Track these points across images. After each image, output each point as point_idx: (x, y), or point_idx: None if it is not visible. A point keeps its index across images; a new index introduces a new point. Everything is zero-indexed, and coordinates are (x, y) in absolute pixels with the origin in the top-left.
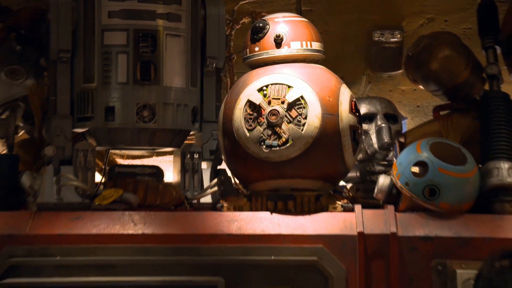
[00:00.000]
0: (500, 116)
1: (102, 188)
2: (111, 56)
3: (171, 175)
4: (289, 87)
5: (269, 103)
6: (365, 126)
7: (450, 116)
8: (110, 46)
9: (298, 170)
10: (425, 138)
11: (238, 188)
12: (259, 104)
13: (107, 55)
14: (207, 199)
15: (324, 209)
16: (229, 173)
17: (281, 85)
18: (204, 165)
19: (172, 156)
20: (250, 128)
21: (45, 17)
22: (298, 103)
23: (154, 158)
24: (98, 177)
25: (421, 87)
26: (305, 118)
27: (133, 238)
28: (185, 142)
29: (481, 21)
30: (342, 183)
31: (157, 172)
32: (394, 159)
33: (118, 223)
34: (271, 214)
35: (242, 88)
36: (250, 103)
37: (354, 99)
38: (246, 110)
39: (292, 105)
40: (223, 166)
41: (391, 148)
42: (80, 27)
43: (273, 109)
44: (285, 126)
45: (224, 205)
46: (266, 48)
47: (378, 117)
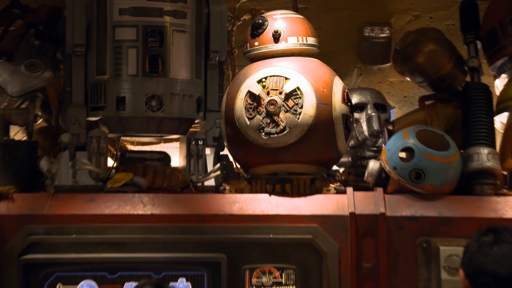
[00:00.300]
0: (481, 106)
1: (114, 172)
2: (122, 50)
3: (178, 160)
4: (286, 79)
5: (268, 94)
6: (357, 115)
7: (435, 106)
8: (121, 41)
9: (295, 156)
10: (412, 126)
11: (239, 172)
12: (259, 95)
13: (118, 50)
14: (211, 182)
15: (319, 192)
16: (231, 158)
17: (279, 77)
18: (208, 151)
19: (178, 143)
20: (250, 117)
21: (61, 15)
22: (295, 94)
23: (162, 145)
24: (110, 162)
25: (408, 79)
26: (301, 108)
27: (143, 218)
28: (190, 130)
29: (463, 18)
30: (335, 168)
31: (165, 157)
32: (383, 146)
33: (129, 204)
34: (270, 196)
35: (243, 80)
36: (250, 94)
37: (346, 90)
38: (247, 100)
39: (289, 96)
40: (225, 152)
41: (380, 135)
42: (94, 24)
43: (272, 99)
44: (283, 115)
45: (226, 188)
46: (265, 43)
47: (368, 107)
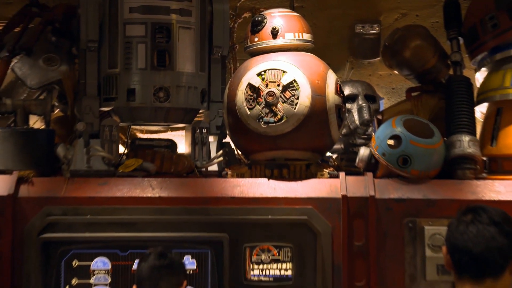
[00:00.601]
0: (462, 97)
1: (125, 158)
2: (132, 46)
3: (183, 147)
4: (284, 72)
5: (267, 86)
6: (348, 105)
7: (420, 97)
8: (131, 37)
9: (291, 143)
10: (399, 116)
11: (240, 158)
12: (258, 87)
13: (129, 45)
14: (214, 168)
15: (313, 176)
16: (233, 145)
17: (277, 70)
18: (211, 139)
19: (184, 131)
20: (250, 107)
21: (76, 13)
22: (291, 86)
23: (169, 133)
24: (121, 149)
25: (396, 72)
26: (297, 99)
27: (151, 200)
28: (195, 119)
29: (447, 16)
30: (329, 154)
31: (172, 145)
32: (373, 134)
33: (139, 188)
34: (268, 180)
35: (244, 73)
36: (251, 86)
37: (339, 82)
38: (247, 92)
39: (286, 87)
40: (228, 140)
41: (370, 124)
42: (106, 21)
43: (270, 91)
44: (280, 105)
45: (228, 173)
46: (264, 39)
47: (359, 98)
